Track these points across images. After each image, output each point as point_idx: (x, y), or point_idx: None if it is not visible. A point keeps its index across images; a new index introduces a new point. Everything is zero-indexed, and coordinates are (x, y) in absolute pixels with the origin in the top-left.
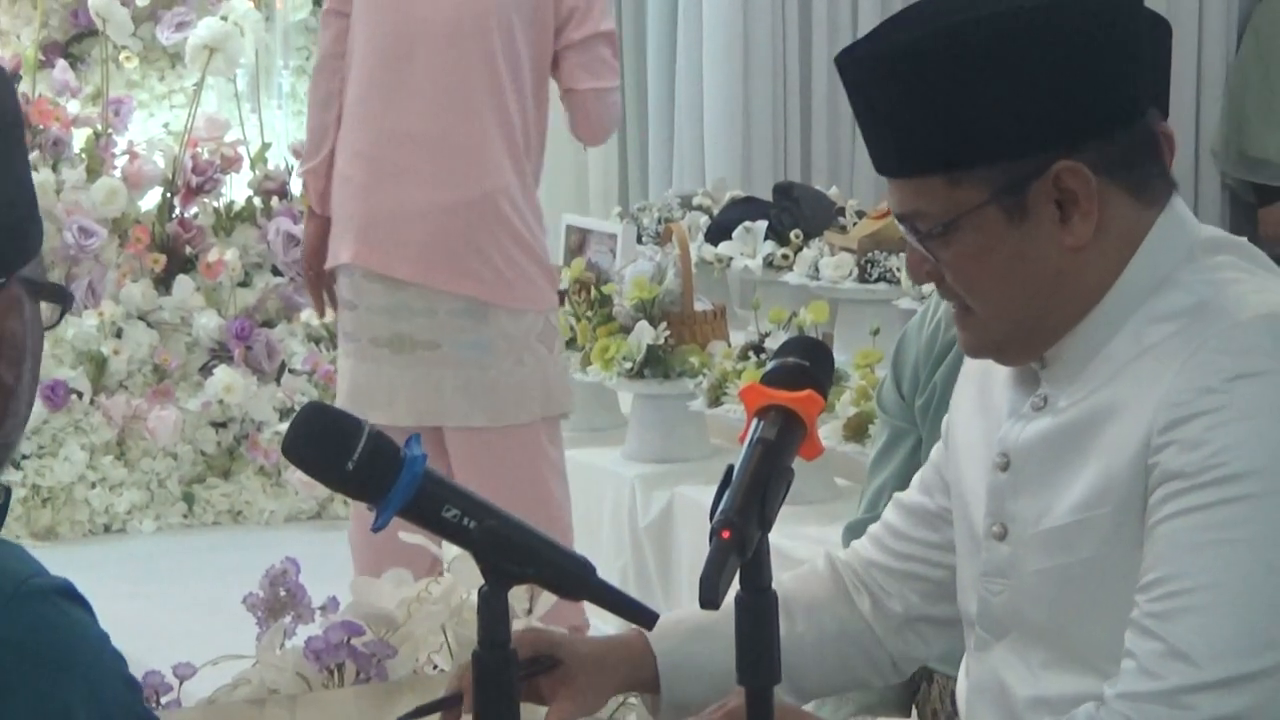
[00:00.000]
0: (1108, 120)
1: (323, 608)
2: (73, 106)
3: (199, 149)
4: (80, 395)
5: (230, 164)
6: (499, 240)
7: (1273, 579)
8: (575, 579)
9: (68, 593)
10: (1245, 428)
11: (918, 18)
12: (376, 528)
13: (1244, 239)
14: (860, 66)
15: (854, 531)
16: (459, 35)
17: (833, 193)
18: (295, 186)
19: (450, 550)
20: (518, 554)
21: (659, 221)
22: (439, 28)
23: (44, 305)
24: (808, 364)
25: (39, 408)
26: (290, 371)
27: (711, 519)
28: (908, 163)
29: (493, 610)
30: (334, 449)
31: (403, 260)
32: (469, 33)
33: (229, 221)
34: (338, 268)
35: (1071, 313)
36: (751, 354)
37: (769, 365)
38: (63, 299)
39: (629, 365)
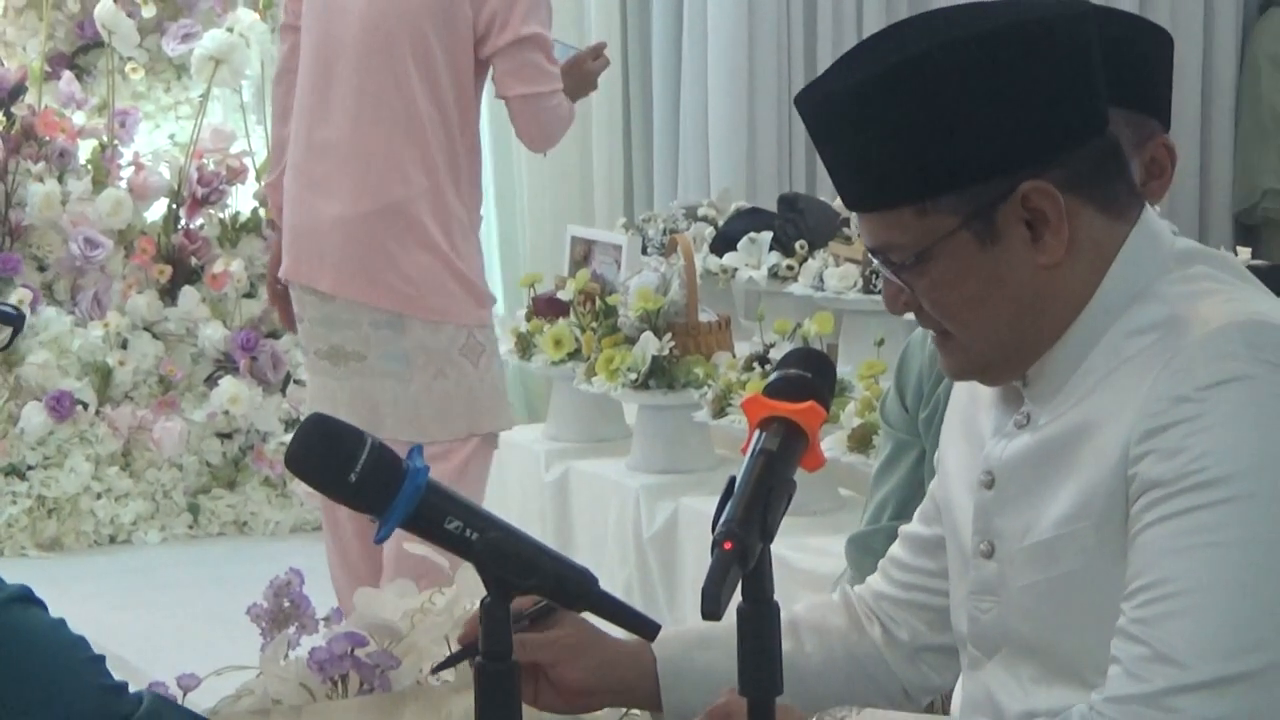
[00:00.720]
0: (1070, 137)
1: (326, 618)
2: (78, 118)
3: (204, 160)
4: (86, 406)
5: (235, 175)
6: (410, 251)
7: (1257, 580)
8: (578, 590)
9: (23, 598)
10: (1222, 433)
11: (870, 54)
12: (379, 539)
13: (1219, 249)
14: (819, 107)
15: (857, 544)
16: (370, 47)
17: (837, 204)
18: None
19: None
20: (520, 565)
21: (664, 233)
22: (353, 41)
23: None
24: (809, 375)
25: (45, 418)
26: (295, 382)
27: (714, 531)
28: (875, 197)
29: (495, 621)
30: (336, 461)
31: (323, 272)
32: (379, 44)
33: (234, 233)
34: (286, 281)
35: (1050, 330)
36: (756, 365)
37: (771, 377)
38: (10, 321)
39: (634, 376)
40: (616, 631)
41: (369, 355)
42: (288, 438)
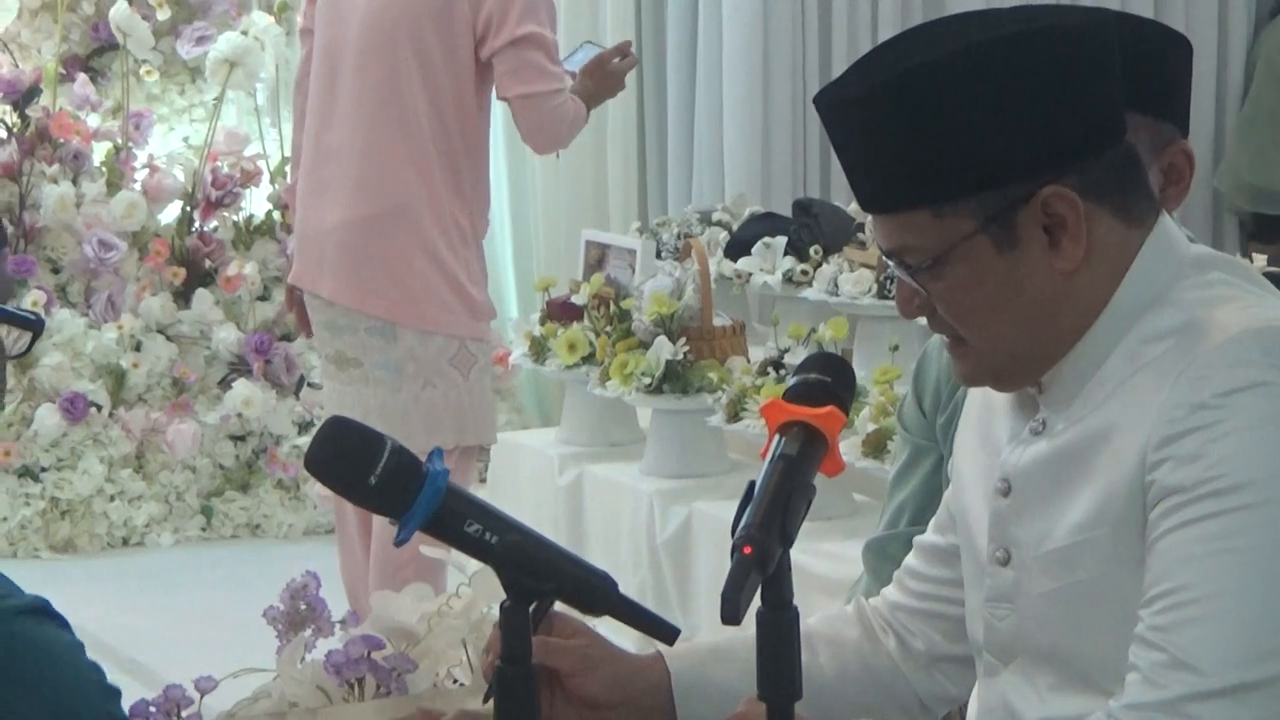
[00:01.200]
0: (1090, 143)
1: (343, 621)
2: (93, 120)
3: (219, 163)
4: (99, 408)
5: (250, 178)
6: (404, 258)
7: (1275, 587)
8: (598, 594)
9: (41, 611)
10: (1240, 440)
11: (892, 55)
12: (399, 542)
13: (1235, 256)
14: (839, 108)
15: (874, 549)
16: (369, 50)
17: (852, 208)
18: None
19: (471, 564)
20: (540, 569)
21: (678, 237)
22: (354, 43)
23: (11, 331)
24: (829, 380)
25: (59, 420)
26: (309, 385)
27: (733, 535)
28: (893, 198)
29: (514, 625)
30: (357, 463)
31: (323, 278)
32: (378, 46)
33: (248, 235)
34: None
35: (1066, 337)
36: (770, 370)
37: (790, 381)
38: (29, 326)
39: (648, 380)
40: (625, 644)
41: (365, 362)
42: (301, 441)
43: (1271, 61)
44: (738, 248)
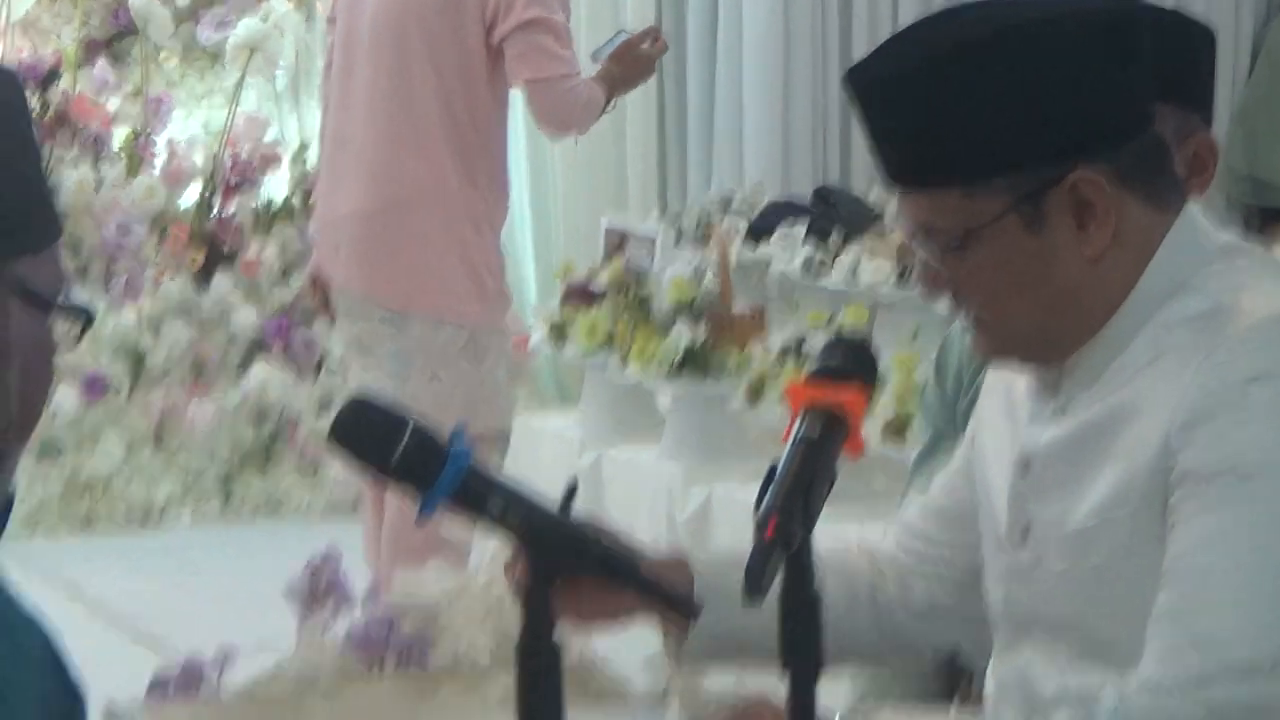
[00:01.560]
0: (1120, 129)
1: (363, 599)
2: (113, 104)
3: (238, 148)
4: (118, 390)
5: (269, 163)
6: (415, 247)
7: None
8: (621, 571)
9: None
10: (1262, 426)
11: (927, 34)
12: (420, 520)
13: (1258, 244)
14: (873, 84)
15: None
16: (381, 39)
17: (871, 198)
18: None
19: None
20: (563, 546)
21: (698, 224)
22: (367, 32)
23: (62, 322)
24: (851, 363)
25: (78, 399)
26: (329, 372)
27: (754, 517)
28: (923, 175)
29: (535, 604)
30: (379, 441)
31: (338, 265)
32: (389, 34)
33: (267, 219)
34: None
35: (1091, 321)
36: (790, 355)
37: (813, 364)
38: (79, 315)
39: (667, 365)
40: (646, 634)
41: (376, 350)
42: (320, 423)
43: (1272, 51)
44: (757, 235)
